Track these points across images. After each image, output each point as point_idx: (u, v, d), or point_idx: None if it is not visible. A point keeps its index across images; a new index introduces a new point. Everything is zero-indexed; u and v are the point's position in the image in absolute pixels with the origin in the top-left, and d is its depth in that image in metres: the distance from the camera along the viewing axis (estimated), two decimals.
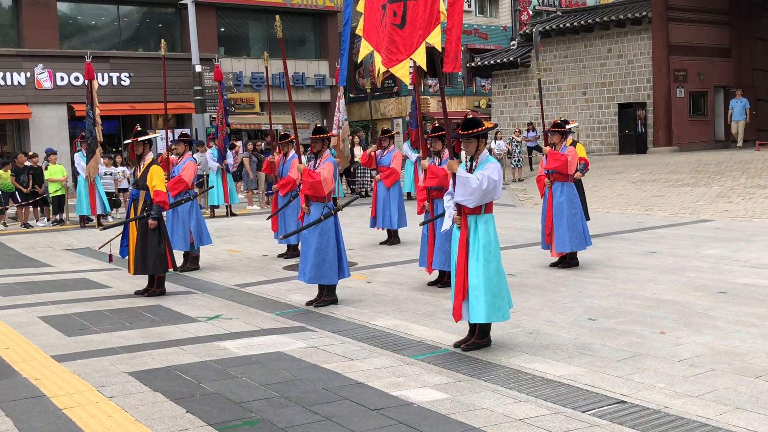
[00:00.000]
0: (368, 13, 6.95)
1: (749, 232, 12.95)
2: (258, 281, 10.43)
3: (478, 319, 6.55)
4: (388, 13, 6.56)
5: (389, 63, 6.60)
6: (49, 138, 28.98)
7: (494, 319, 6.58)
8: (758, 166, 19.74)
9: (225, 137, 18.59)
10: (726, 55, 28.54)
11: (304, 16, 37.50)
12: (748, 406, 5.16)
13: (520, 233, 13.76)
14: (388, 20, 6.56)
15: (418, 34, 6.43)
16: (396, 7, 6.51)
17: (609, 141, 28.24)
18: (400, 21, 6.51)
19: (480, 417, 5.07)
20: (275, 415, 5.16)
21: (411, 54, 6.46)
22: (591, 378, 5.86)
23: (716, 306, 7.96)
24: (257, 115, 34.47)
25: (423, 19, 6.44)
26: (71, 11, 32.60)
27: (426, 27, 6.43)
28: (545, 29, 29.61)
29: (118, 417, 5.17)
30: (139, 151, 9.54)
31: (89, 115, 17.17)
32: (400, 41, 6.50)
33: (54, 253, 13.81)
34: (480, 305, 6.49)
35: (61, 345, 7.14)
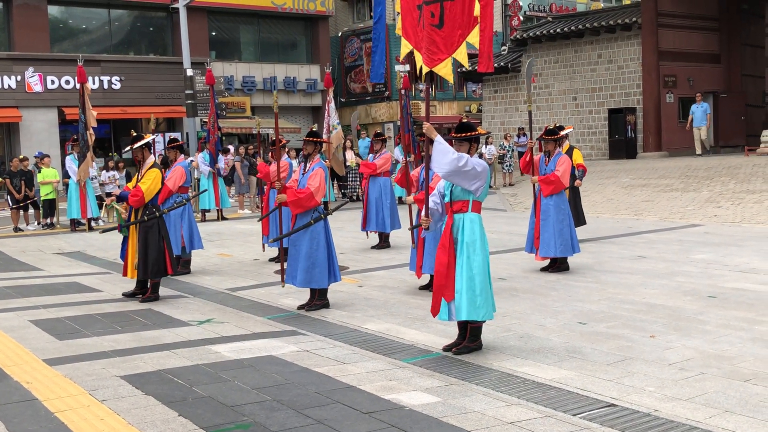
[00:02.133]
0: (405, 13, 6.99)
1: (738, 236, 13.03)
2: (249, 285, 10.44)
3: (459, 316, 6.59)
4: (426, 14, 6.59)
5: (431, 63, 6.63)
6: (39, 142, 28.88)
7: (474, 317, 6.59)
8: (747, 172, 19.86)
9: (216, 141, 18.59)
10: (715, 61, 28.71)
11: (296, 20, 37.52)
12: (737, 409, 5.21)
13: (510, 237, 13.80)
14: (426, 21, 6.60)
15: (458, 33, 6.49)
16: (433, 8, 6.55)
17: (599, 146, 28.35)
18: (438, 21, 6.55)
19: (471, 420, 5.10)
20: (267, 418, 5.18)
21: (452, 53, 6.52)
22: (581, 381, 5.89)
23: (706, 310, 8.01)
24: (248, 119, 34.45)
25: (462, 19, 6.51)
26: (62, 15, 32.53)
27: (466, 26, 6.50)
28: (536, 34, 29.74)
29: (110, 420, 5.17)
30: (139, 157, 9.52)
31: (81, 119, 17.14)
32: (440, 41, 6.55)
33: (45, 257, 13.78)
34: (461, 303, 6.52)
35: (53, 349, 7.13)
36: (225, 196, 19.63)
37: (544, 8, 41.78)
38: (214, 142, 18.53)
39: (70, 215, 17.99)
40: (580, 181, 12.61)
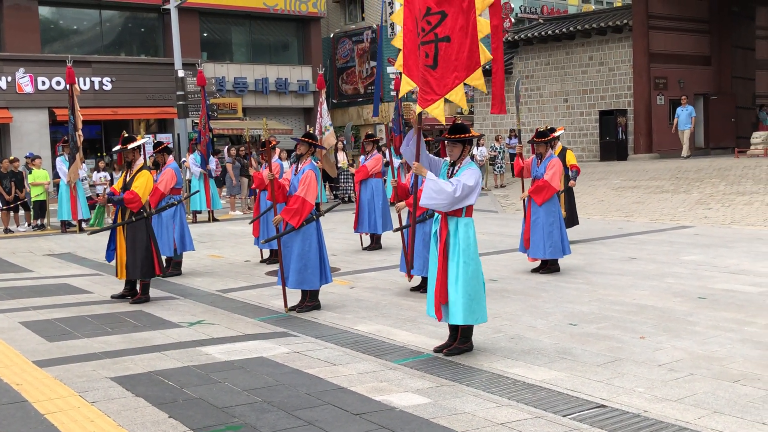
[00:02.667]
0: (407, 50, 6.81)
1: (728, 238, 13.09)
2: (240, 287, 10.43)
3: (456, 321, 6.59)
4: (421, 54, 6.51)
5: (423, 104, 6.55)
6: (30, 143, 28.79)
7: (471, 322, 6.62)
8: (737, 173, 19.95)
9: (208, 142, 18.56)
10: (706, 63, 28.84)
11: (287, 21, 37.51)
12: (726, 409, 5.23)
13: (501, 239, 13.83)
14: (421, 61, 6.52)
15: (453, 76, 6.38)
16: (428, 48, 6.45)
17: (590, 148, 28.44)
18: (432, 62, 6.45)
19: (462, 421, 5.11)
20: (258, 420, 5.17)
21: (445, 94, 6.40)
22: (571, 382, 5.91)
23: (695, 311, 8.04)
24: (240, 120, 34.42)
25: (459, 61, 6.39)
26: (53, 15, 32.44)
27: (464, 69, 6.38)
28: (527, 36, 29.81)
29: (100, 422, 5.16)
30: (129, 158, 9.47)
31: (71, 120, 17.10)
32: (433, 82, 6.45)
33: (35, 258, 13.73)
34: (457, 308, 6.53)
35: (43, 350, 7.12)
36: (216, 198, 19.60)
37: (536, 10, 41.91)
38: (205, 143, 18.50)
39: (60, 216, 17.93)
40: (574, 182, 12.65)
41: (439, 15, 6.40)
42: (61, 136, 23.54)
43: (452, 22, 6.37)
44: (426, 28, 6.47)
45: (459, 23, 6.36)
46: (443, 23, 6.40)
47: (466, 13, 6.36)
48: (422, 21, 6.49)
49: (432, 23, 6.43)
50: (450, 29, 6.39)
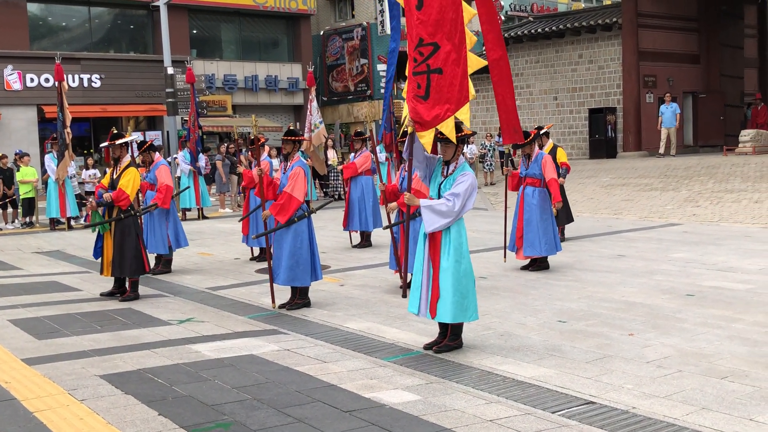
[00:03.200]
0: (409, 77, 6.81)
1: (716, 235, 13.15)
2: (230, 284, 10.42)
3: (445, 318, 6.60)
4: (413, 85, 6.48)
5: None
6: (18, 140, 28.64)
7: (460, 320, 6.64)
8: (725, 171, 20.04)
9: (197, 140, 18.52)
10: (695, 62, 28.95)
11: (277, 18, 37.44)
12: (714, 406, 5.26)
13: (491, 236, 13.85)
14: (412, 92, 6.49)
15: (446, 108, 6.37)
16: (420, 79, 6.43)
17: (579, 146, 28.51)
18: (424, 93, 6.43)
19: (451, 418, 5.12)
20: (248, 417, 5.18)
21: (436, 125, 6.38)
22: (561, 379, 5.93)
23: (684, 308, 8.08)
24: (229, 117, 34.34)
25: (452, 94, 6.38)
26: (41, 12, 32.27)
27: (456, 102, 6.38)
28: (517, 34, 29.86)
29: (89, 420, 5.15)
30: (116, 155, 9.45)
31: (59, 117, 17.03)
32: (423, 112, 6.42)
33: (23, 256, 13.68)
34: (447, 306, 6.54)
35: (32, 348, 7.09)
36: (206, 195, 19.56)
37: (526, 8, 41.94)
38: (194, 140, 18.46)
39: (49, 214, 17.86)
40: (563, 179, 12.67)
41: (431, 46, 6.39)
42: (49, 133, 23.42)
43: (445, 55, 6.37)
44: (418, 59, 6.45)
45: (452, 56, 6.37)
46: (436, 55, 6.39)
47: (458, 48, 6.37)
48: (414, 51, 6.47)
49: (424, 54, 6.41)
50: (443, 62, 6.39)
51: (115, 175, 9.41)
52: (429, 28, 6.36)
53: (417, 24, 6.42)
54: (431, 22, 6.36)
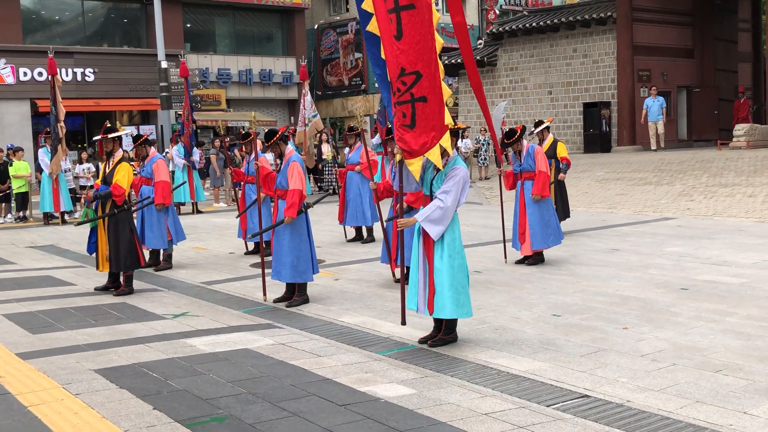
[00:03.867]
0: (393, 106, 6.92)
1: (710, 230, 13.18)
2: (225, 278, 10.41)
3: (443, 314, 6.61)
4: (398, 115, 6.56)
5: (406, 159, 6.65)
6: (11, 134, 28.55)
7: (458, 315, 6.65)
8: (719, 165, 20.08)
9: (191, 134, 18.47)
10: (689, 56, 28.97)
11: (271, 12, 37.35)
12: (708, 399, 5.28)
13: (486, 231, 13.86)
14: (398, 121, 6.58)
15: (432, 135, 6.44)
16: (404, 108, 6.50)
17: (574, 140, 28.52)
18: (410, 122, 6.50)
19: (447, 412, 5.13)
20: (243, 411, 5.18)
21: (424, 153, 6.47)
22: (555, 373, 5.94)
23: (678, 302, 8.10)
24: (223, 111, 34.28)
25: (436, 121, 6.45)
26: (35, 6, 32.15)
27: (439, 130, 6.46)
28: (512, 28, 29.84)
29: (84, 414, 5.15)
30: (108, 148, 9.45)
31: (52, 111, 16.98)
32: (411, 140, 6.50)
33: (17, 251, 13.65)
34: (444, 301, 6.55)
35: (26, 342, 7.08)
36: (200, 190, 19.51)
37: (521, 2, 41.90)
38: (188, 134, 18.41)
39: (43, 208, 17.83)
40: (564, 174, 12.65)
41: (414, 75, 6.44)
42: (43, 127, 23.37)
43: (428, 83, 6.44)
44: (401, 89, 6.50)
45: (433, 84, 6.44)
46: (419, 83, 6.44)
47: (434, 76, 6.45)
48: (397, 82, 6.52)
49: (407, 83, 6.47)
50: (426, 90, 6.45)
51: (107, 169, 9.42)
52: (410, 57, 6.43)
53: (398, 54, 6.49)
54: (412, 51, 6.42)
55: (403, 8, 6.41)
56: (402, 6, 6.42)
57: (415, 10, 6.38)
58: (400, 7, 6.42)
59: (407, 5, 6.40)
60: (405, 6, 6.41)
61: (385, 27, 6.63)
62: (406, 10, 6.40)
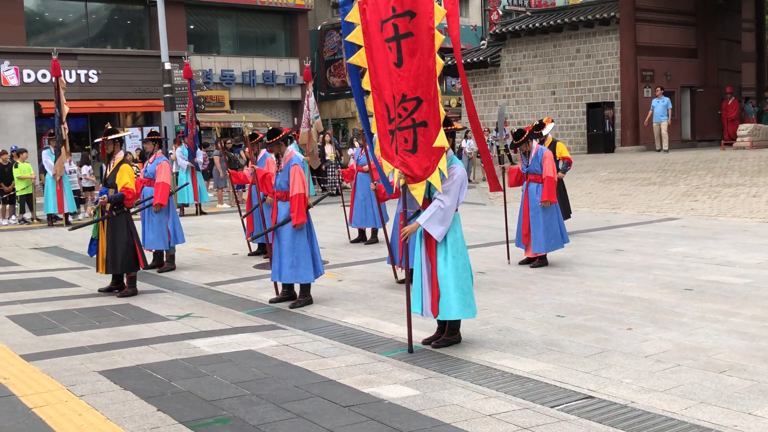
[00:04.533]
0: (381, 136, 6.96)
1: (715, 230, 13.16)
2: (228, 280, 10.41)
3: (449, 316, 6.60)
4: (399, 140, 6.63)
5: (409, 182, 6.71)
6: (15, 136, 28.58)
7: (465, 316, 6.65)
8: (723, 165, 20.05)
9: (195, 135, 18.49)
10: (692, 56, 28.94)
11: (274, 14, 37.35)
12: (713, 400, 5.27)
13: (489, 231, 13.85)
14: (400, 146, 6.64)
15: (432, 159, 6.53)
16: (406, 134, 6.56)
17: (577, 140, 28.51)
18: (411, 147, 6.57)
19: (450, 413, 5.13)
20: (247, 412, 5.18)
21: (427, 177, 6.54)
22: (559, 374, 5.93)
23: (682, 303, 8.09)
24: (227, 113, 34.29)
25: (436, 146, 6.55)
26: (38, 7, 32.18)
27: (438, 153, 6.52)
28: (515, 29, 29.83)
29: (88, 416, 5.15)
30: (109, 150, 9.49)
31: (56, 113, 17.00)
32: (414, 165, 6.58)
33: (21, 252, 13.67)
34: (450, 302, 6.55)
35: (30, 344, 7.09)
36: (203, 191, 19.53)
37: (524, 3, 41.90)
38: (192, 136, 18.43)
39: (46, 210, 17.86)
40: (563, 174, 12.63)
41: (414, 101, 6.49)
42: (47, 129, 23.39)
43: (427, 107, 6.49)
44: (403, 114, 6.56)
45: (432, 109, 6.49)
46: (419, 109, 6.49)
47: (434, 99, 6.49)
48: (398, 108, 6.57)
49: (408, 109, 6.52)
50: (426, 115, 6.50)
51: (108, 171, 9.46)
52: (410, 82, 6.49)
53: (399, 80, 6.54)
54: (411, 77, 6.48)
55: (403, 36, 6.48)
56: (402, 34, 6.48)
57: (414, 38, 6.45)
58: (400, 35, 6.49)
59: (406, 33, 6.47)
60: (404, 34, 6.48)
61: (383, 56, 6.70)
62: (406, 38, 6.47)
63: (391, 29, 6.53)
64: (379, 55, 6.76)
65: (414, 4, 6.43)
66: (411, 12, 6.44)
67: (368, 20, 6.85)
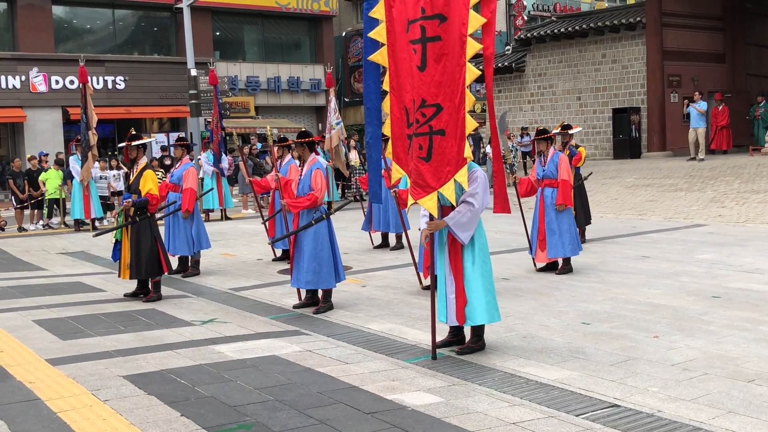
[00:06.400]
0: (395, 138, 6.83)
1: (742, 236, 13.00)
2: (253, 285, 10.43)
3: (481, 320, 6.57)
4: (414, 146, 6.52)
5: (417, 195, 6.56)
6: (43, 142, 28.94)
7: (495, 320, 6.66)
8: (751, 171, 19.81)
9: (220, 141, 18.60)
10: (720, 61, 28.65)
11: (300, 20, 37.53)
12: (741, 409, 5.19)
13: (514, 237, 13.78)
14: (414, 153, 6.53)
15: (447, 170, 6.40)
16: (422, 140, 6.44)
17: (603, 146, 28.31)
18: (426, 154, 6.45)
19: (474, 420, 5.09)
20: (270, 418, 5.17)
21: (440, 188, 6.43)
22: (584, 382, 5.88)
23: (709, 310, 7.99)
24: (252, 119, 34.46)
25: (452, 155, 6.40)
26: (66, 15, 32.57)
27: (456, 164, 6.40)
28: (540, 34, 29.72)
29: (112, 420, 5.17)
30: (133, 155, 9.56)
31: (83, 119, 17.18)
32: (427, 173, 6.46)
33: (48, 257, 13.80)
34: (481, 307, 6.52)
35: (56, 348, 7.14)
36: (228, 196, 19.64)
37: (548, 8, 41.76)
38: (217, 142, 18.54)
39: (73, 216, 18.04)
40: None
41: (434, 108, 6.37)
42: (74, 135, 23.64)
43: (447, 116, 6.36)
44: (420, 120, 6.43)
45: (453, 118, 6.36)
46: (438, 116, 6.37)
47: (458, 109, 6.35)
48: (416, 113, 6.44)
49: (427, 115, 6.40)
50: (445, 123, 6.37)
51: (132, 177, 9.53)
52: (432, 89, 6.36)
53: (419, 85, 6.41)
54: (434, 83, 6.35)
55: (429, 39, 6.32)
56: (429, 37, 6.32)
57: (442, 42, 6.29)
58: (427, 38, 6.33)
59: (434, 37, 6.31)
60: (432, 37, 6.31)
61: (406, 57, 6.53)
62: (433, 41, 6.31)
63: (418, 30, 6.37)
64: (403, 55, 6.59)
65: (446, 8, 6.26)
66: (442, 15, 6.28)
67: (394, 18, 6.63)
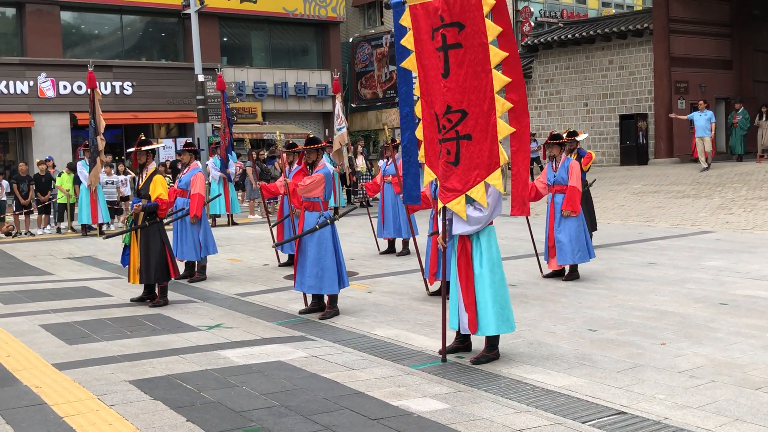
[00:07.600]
0: (427, 141, 6.88)
1: (750, 243, 12.96)
2: (259, 290, 10.44)
3: (488, 331, 6.55)
4: (442, 151, 6.59)
5: (445, 199, 6.62)
6: (51, 147, 29.02)
7: (503, 331, 6.59)
8: (759, 178, 19.76)
9: (227, 146, 18.64)
10: (727, 67, 28.60)
11: (307, 26, 37.58)
12: (749, 417, 5.17)
13: (521, 244, 13.76)
14: (442, 158, 6.60)
15: (476, 173, 6.46)
16: (449, 145, 6.51)
17: (610, 152, 28.28)
18: (454, 159, 6.52)
19: (480, 427, 5.08)
20: (275, 424, 5.17)
21: (467, 191, 6.48)
22: (591, 389, 5.86)
23: (717, 317, 7.96)
24: (259, 124, 34.51)
25: (480, 159, 6.44)
26: (74, 20, 32.67)
27: (486, 168, 6.45)
28: (547, 40, 29.73)
29: (118, 425, 5.18)
30: (142, 161, 9.58)
31: (91, 124, 17.23)
32: (454, 178, 6.53)
33: (55, 262, 13.83)
34: (489, 317, 6.50)
35: (62, 353, 7.15)
36: (235, 202, 19.66)
37: (556, 14, 41.75)
38: (225, 147, 18.58)
39: (80, 220, 18.09)
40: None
41: (459, 113, 6.42)
42: (82, 140, 23.70)
43: (473, 122, 6.40)
44: (447, 126, 6.49)
45: (480, 123, 6.40)
46: (464, 122, 6.42)
47: (487, 114, 6.39)
48: (443, 119, 6.50)
49: (453, 121, 6.46)
50: (471, 128, 6.42)
51: (141, 182, 9.54)
52: (456, 95, 6.40)
53: (445, 91, 6.47)
54: (458, 89, 6.39)
55: (450, 47, 6.37)
56: (450, 45, 6.37)
57: (463, 50, 6.33)
58: (448, 45, 6.39)
59: (454, 44, 6.36)
60: (452, 45, 6.36)
61: (433, 64, 6.59)
62: (454, 48, 6.36)
63: (440, 38, 6.44)
64: (430, 62, 6.65)
65: (462, 15, 6.29)
66: (459, 24, 6.32)
67: (420, 26, 6.68)
